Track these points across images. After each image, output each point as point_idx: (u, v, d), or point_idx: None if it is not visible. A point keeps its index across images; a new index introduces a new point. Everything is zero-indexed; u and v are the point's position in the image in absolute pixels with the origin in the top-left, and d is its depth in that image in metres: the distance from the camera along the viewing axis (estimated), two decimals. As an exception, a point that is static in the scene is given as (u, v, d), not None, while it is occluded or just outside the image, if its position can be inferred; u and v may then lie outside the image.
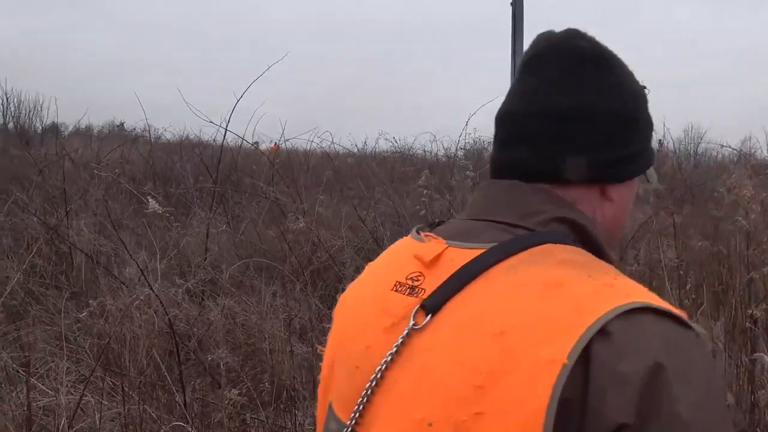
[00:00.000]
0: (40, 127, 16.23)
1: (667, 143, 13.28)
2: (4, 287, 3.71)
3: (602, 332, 0.60)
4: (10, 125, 17.67)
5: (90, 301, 2.96)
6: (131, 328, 2.93)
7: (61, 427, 2.73)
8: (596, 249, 0.75)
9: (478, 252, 0.70)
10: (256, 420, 2.79)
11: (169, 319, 2.55)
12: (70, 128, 16.72)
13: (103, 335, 3.03)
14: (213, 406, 2.79)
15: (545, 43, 0.80)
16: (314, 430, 2.94)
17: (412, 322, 0.68)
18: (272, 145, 10.73)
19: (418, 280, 0.72)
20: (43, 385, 3.05)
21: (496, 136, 0.83)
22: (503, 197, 0.78)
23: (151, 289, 2.82)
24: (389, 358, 0.69)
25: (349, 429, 0.71)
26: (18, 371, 3.20)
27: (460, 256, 0.71)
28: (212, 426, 2.66)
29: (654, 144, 0.90)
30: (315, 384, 3.64)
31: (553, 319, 0.62)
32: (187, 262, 4.93)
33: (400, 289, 0.73)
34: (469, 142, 12.86)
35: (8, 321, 3.90)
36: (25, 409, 2.69)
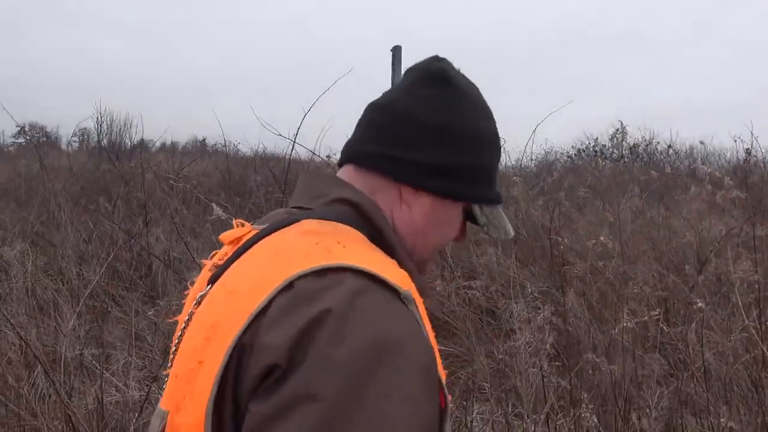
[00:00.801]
0: (129, 144, 17.41)
1: (756, 152, 12.39)
2: (87, 289, 3.98)
3: (288, 286, 0.67)
4: (104, 142, 19.06)
5: (158, 301, 3.13)
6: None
7: (129, 421, 2.89)
8: (378, 231, 0.82)
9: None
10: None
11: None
12: (157, 144, 17.82)
13: (170, 334, 3.18)
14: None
15: (421, 62, 0.91)
16: None
17: (203, 291, 0.79)
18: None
19: (222, 259, 0.83)
20: (116, 380, 3.24)
21: None
22: (304, 185, 0.89)
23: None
24: (184, 326, 0.80)
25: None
26: (96, 367, 3.42)
27: (252, 236, 0.81)
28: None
29: (497, 192, 0.92)
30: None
31: (267, 278, 0.70)
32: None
33: (212, 269, 0.83)
34: (539, 153, 12.57)
35: (91, 320, 4.18)
36: (98, 403, 2.86)
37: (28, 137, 24.59)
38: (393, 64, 1.14)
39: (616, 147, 19.31)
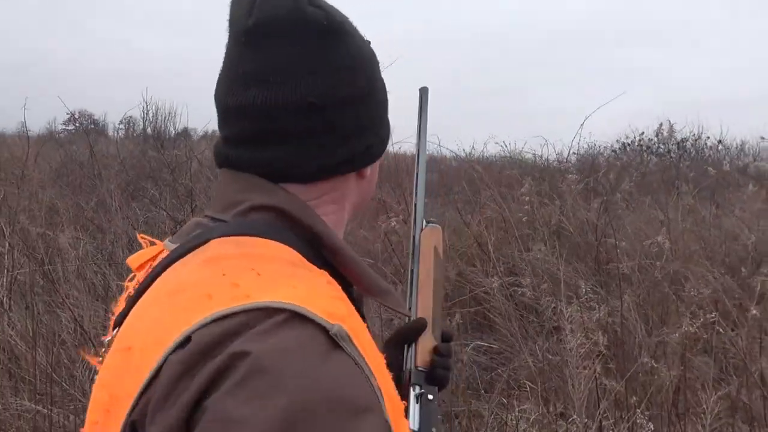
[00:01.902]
0: (174, 132, 17.82)
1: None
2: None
3: (186, 341, 0.54)
4: (149, 130, 19.58)
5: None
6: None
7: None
8: (316, 236, 0.68)
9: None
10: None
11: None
12: (200, 132, 18.18)
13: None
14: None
15: (270, 10, 0.64)
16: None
17: (110, 336, 0.66)
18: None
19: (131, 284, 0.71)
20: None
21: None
22: (218, 188, 0.73)
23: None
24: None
25: None
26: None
27: (159, 262, 0.67)
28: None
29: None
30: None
31: (161, 332, 0.56)
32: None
33: (127, 299, 0.70)
34: (583, 147, 12.29)
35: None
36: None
37: (78, 124, 25.47)
38: (420, 106, 0.99)
39: (663, 142, 18.78)
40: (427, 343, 0.92)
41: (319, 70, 0.65)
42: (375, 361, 0.59)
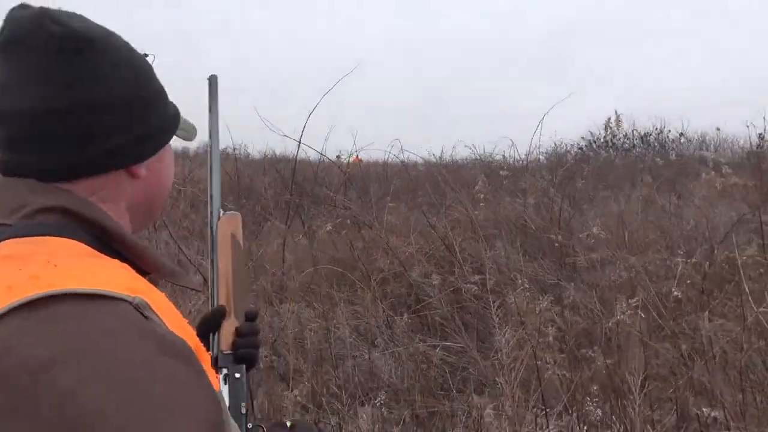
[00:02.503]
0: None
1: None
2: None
3: None
4: None
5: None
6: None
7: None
8: (106, 232, 0.73)
9: None
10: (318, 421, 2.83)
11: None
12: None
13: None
14: (279, 405, 2.87)
15: (16, 29, 0.73)
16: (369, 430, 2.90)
17: None
18: (354, 157, 10.92)
19: None
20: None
21: None
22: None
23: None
24: None
25: None
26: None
27: None
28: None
29: (173, 106, 0.85)
30: (384, 387, 3.64)
31: None
32: (264, 270, 5.12)
33: None
34: (550, 146, 12.47)
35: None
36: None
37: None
38: (210, 95, 1.01)
39: (627, 137, 19.16)
40: (229, 326, 0.98)
41: (57, 80, 0.72)
42: (176, 322, 0.65)
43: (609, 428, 2.59)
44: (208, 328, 0.97)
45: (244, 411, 0.93)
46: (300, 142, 5.72)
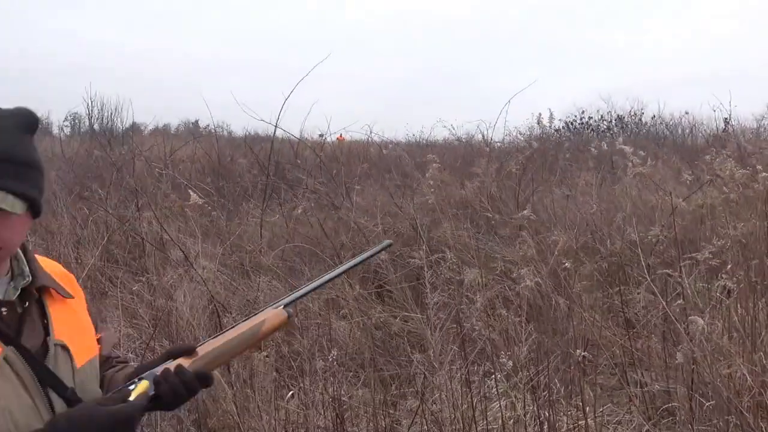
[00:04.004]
0: (121, 128, 17.61)
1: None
2: (83, 272, 4.34)
3: None
4: (95, 126, 19.26)
5: (142, 278, 3.49)
6: (181, 299, 3.45)
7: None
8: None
9: None
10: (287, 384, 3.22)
11: (208, 289, 3.02)
12: (150, 127, 18.01)
13: (158, 307, 3.57)
14: (253, 368, 3.26)
15: None
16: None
17: None
18: (338, 136, 11.22)
19: None
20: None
21: None
22: None
23: (191, 265, 3.32)
24: None
25: None
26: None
27: None
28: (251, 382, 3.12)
29: None
30: (348, 356, 4.05)
31: None
32: (241, 248, 5.47)
33: None
34: (527, 128, 12.92)
35: (92, 300, 4.55)
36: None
37: (20, 123, 24.65)
38: None
39: (603, 119, 19.63)
40: (182, 362, 1.19)
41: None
42: None
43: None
44: (170, 354, 1.21)
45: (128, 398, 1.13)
46: (276, 126, 6.03)
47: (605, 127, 19.39)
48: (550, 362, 2.93)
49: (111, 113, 19.80)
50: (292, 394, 2.90)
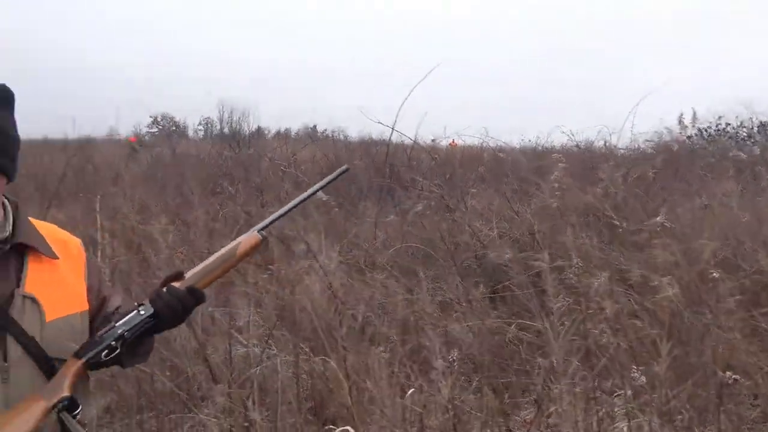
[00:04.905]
0: (248, 131, 18.84)
1: None
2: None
3: None
4: (225, 130, 20.74)
5: (268, 269, 3.66)
6: (304, 292, 3.59)
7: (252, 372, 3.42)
8: None
9: None
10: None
11: (330, 282, 3.10)
12: (273, 131, 19.09)
13: (283, 298, 3.73)
14: (365, 362, 3.30)
15: None
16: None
17: None
18: (451, 141, 11.22)
19: None
20: (240, 336, 3.83)
21: None
22: None
23: (315, 258, 3.43)
24: None
25: None
26: (225, 324, 4.03)
27: None
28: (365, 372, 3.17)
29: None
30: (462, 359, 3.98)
31: None
32: (357, 246, 5.60)
33: None
34: (658, 133, 12.04)
35: (218, 289, 4.87)
36: (227, 355, 3.44)
37: (160, 127, 27.25)
38: (333, 177, 1.58)
39: (743, 125, 17.87)
40: (170, 284, 1.35)
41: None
42: None
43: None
44: (164, 281, 1.36)
45: (119, 332, 1.29)
46: (393, 129, 6.12)
47: (745, 134, 17.70)
48: (688, 384, 2.69)
49: (239, 118, 21.24)
50: (413, 391, 2.91)
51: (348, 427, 2.17)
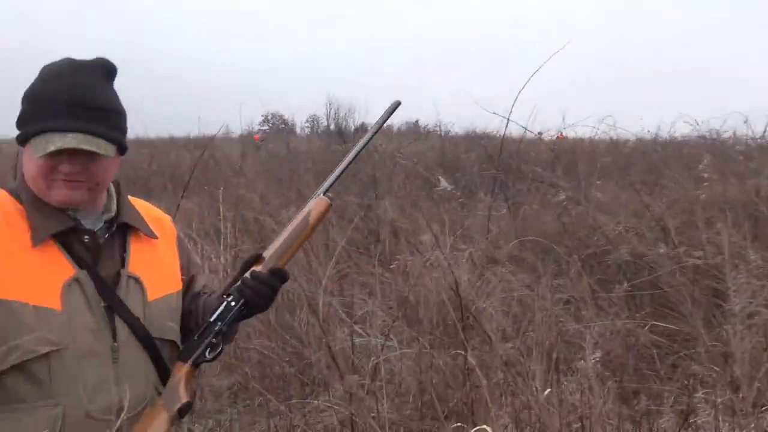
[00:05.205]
0: (353, 127, 19.23)
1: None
2: (333, 252, 4.71)
3: None
4: (332, 126, 21.35)
5: (398, 257, 3.62)
6: (425, 285, 3.52)
7: (370, 360, 3.42)
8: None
9: None
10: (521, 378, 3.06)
11: (455, 278, 3.01)
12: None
13: (404, 289, 3.69)
14: (486, 360, 3.18)
15: None
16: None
17: None
18: (558, 134, 10.72)
19: None
20: (359, 328, 3.84)
21: None
22: None
23: (440, 248, 3.34)
24: None
25: None
26: (344, 317, 4.06)
27: None
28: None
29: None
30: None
31: None
32: (470, 238, 5.45)
33: None
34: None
35: (334, 279, 4.93)
36: (351, 341, 3.45)
37: (270, 125, 28.61)
38: (386, 113, 1.48)
39: None
40: (252, 269, 1.30)
41: None
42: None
43: None
44: (243, 267, 1.31)
45: (215, 328, 1.27)
46: (509, 119, 5.91)
47: None
48: None
49: (345, 114, 21.79)
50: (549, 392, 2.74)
51: (485, 426, 2.05)
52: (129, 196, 1.38)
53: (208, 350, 1.26)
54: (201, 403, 3.54)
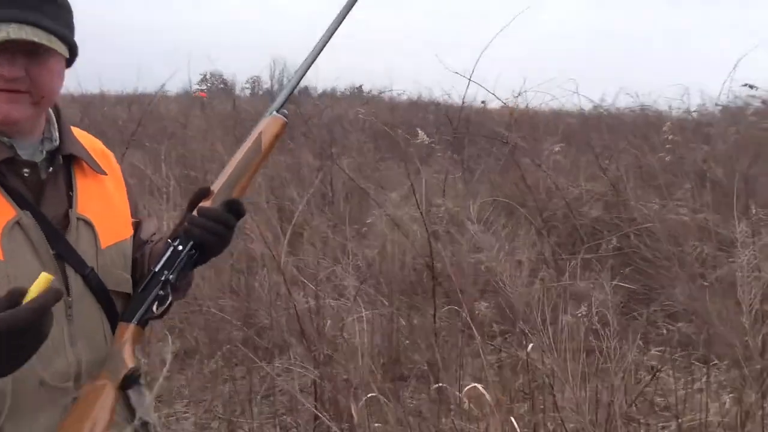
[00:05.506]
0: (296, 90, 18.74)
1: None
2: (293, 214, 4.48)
3: None
4: (276, 87, 20.77)
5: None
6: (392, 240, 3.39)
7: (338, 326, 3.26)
8: None
9: None
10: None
11: (427, 230, 2.88)
12: (319, 91, 18.91)
13: (371, 247, 3.55)
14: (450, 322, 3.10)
15: None
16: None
17: None
18: (509, 105, 10.67)
19: None
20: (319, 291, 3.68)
21: None
22: None
23: (418, 207, 3.20)
24: None
25: None
26: (301, 279, 3.88)
27: None
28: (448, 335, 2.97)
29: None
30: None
31: None
32: (428, 201, 5.36)
33: None
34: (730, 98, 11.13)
35: (290, 241, 4.73)
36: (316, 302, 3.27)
37: (209, 84, 27.51)
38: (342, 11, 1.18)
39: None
40: (199, 206, 1.07)
41: None
42: None
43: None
44: (189, 205, 1.09)
45: (162, 278, 1.04)
46: (470, 80, 5.80)
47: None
48: None
49: (290, 76, 21.19)
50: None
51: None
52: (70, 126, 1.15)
53: (155, 305, 1.05)
54: (148, 368, 3.31)
